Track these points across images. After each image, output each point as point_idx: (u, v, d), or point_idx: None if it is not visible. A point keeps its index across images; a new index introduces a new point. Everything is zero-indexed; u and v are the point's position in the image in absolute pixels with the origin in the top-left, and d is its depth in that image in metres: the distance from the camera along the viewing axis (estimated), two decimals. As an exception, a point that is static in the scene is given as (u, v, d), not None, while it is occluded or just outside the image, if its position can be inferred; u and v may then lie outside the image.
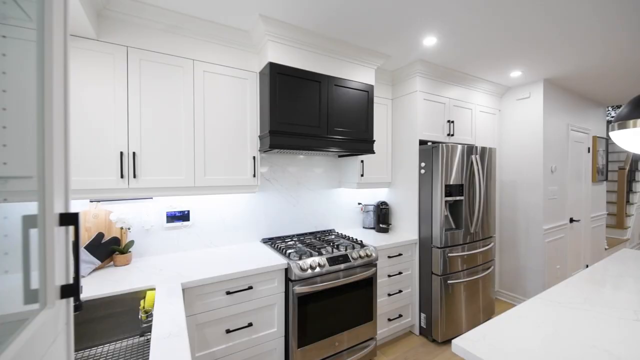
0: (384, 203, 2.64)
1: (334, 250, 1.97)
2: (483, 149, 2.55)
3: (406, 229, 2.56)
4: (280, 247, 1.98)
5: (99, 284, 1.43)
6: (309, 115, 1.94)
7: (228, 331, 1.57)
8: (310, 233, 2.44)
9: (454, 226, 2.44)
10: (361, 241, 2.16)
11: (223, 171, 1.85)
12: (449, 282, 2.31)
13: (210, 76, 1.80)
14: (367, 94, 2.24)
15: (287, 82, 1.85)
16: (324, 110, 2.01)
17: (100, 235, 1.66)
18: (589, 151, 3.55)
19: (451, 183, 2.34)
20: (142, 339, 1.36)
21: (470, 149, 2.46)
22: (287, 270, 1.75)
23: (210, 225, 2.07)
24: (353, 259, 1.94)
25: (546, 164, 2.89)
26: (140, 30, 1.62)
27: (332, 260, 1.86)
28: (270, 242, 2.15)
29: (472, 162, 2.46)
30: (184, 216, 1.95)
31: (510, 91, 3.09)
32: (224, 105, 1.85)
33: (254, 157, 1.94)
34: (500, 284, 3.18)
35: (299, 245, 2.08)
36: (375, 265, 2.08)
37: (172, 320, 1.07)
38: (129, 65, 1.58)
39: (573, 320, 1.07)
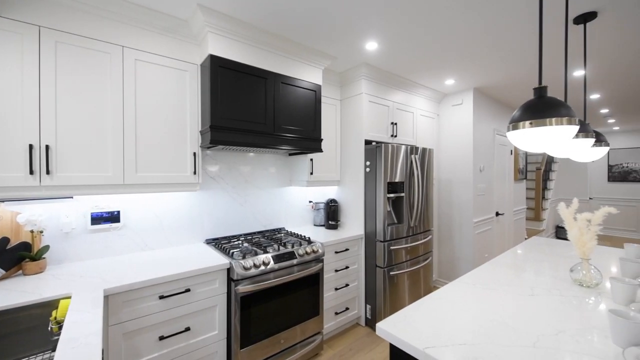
0: (333, 200, 2.72)
1: (281, 247, 1.97)
2: (422, 149, 2.77)
3: (354, 225, 2.66)
4: (225, 247, 1.92)
5: (2, 296, 1.24)
6: (254, 111, 1.91)
7: (162, 338, 1.47)
8: (259, 232, 2.41)
9: (396, 221, 2.61)
10: (309, 238, 2.19)
11: (159, 168, 1.73)
12: (391, 273, 2.46)
13: (143, 65, 1.68)
14: (315, 93, 2.28)
15: (230, 76, 1.81)
16: (270, 107, 2.00)
17: (4, 240, 1.44)
18: (511, 153, 4.06)
19: (393, 181, 2.49)
20: (54, 354, 1.21)
21: (411, 149, 2.65)
22: (229, 270, 1.70)
23: (146, 227, 1.92)
24: (299, 255, 1.96)
25: (476, 164, 3.24)
26: (56, 8, 1.44)
27: (278, 258, 1.86)
28: (215, 242, 2.07)
29: (411, 162, 2.65)
30: (113, 217, 1.78)
31: (446, 98, 3.40)
32: (160, 97, 1.73)
33: (194, 154, 1.85)
34: (438, 273, 3.48)
35: (246, 244, 2.04)
36: (322, 261, 2.13)
37: (85, 329, 0.97)
38: (41, 48, 1.40)
39: (482, 298, 1.22)
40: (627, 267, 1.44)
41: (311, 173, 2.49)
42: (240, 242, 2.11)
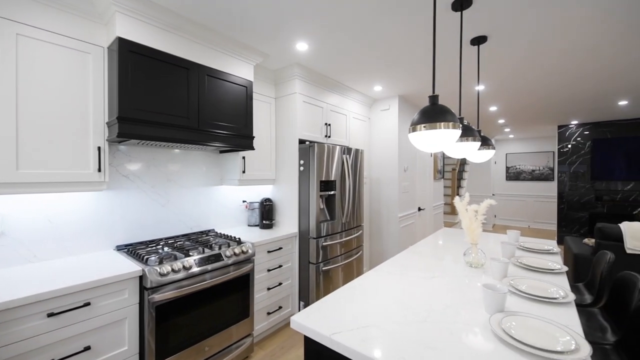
0: (268, 200, 2.68)
1: (206, 250, 1.86)
2: (354, 150, 2.92)
3: (288, 223, 2.67)
4: (140, 253, 1.73)
5: None
6: (174, 104, 1.77)
7: (51, 363, 1.25)
8: (184, 235, 2.24)
9: (329, 218, 2.70)
10: (239, 238, 2.12)
11: (52, 164, 1.47)
12: (323, 268, 2.54)
13: (29, 42, 1.41)
14: (246, 89, 2.23)
15: (144, 63, 1.64)
16: (194, 101, 1.88)
17: None
18: (431, 155, 4.58)
19: (326, 179, 2.58)
20: None
21: (343, 150, 2.77)
22: (142, 278, 1.54)
23: (35, 235, 1.61)
24: (226, 257, 1.89)
25: (401, 164, 3.56)
26: None
27: (203, 261, 1.76)
28: (128, 248, 1.85)
29: (343, 161, 2.79)
30: (-17, 224, 1.45)
31: (376, 103, 3.66)
32: (54, 81, 1.48)
33: (99, 148, 1.62)
34: (370, 265, 3.72)
35: (166, 249, 1.87)
36: (253, 262, 2.08)
37: None
38: None
39: (390, 284, 1.35)
40: (506, 249, 1.75)
41: (243, 171, 2.41)
42: (160, 246, 1.93)
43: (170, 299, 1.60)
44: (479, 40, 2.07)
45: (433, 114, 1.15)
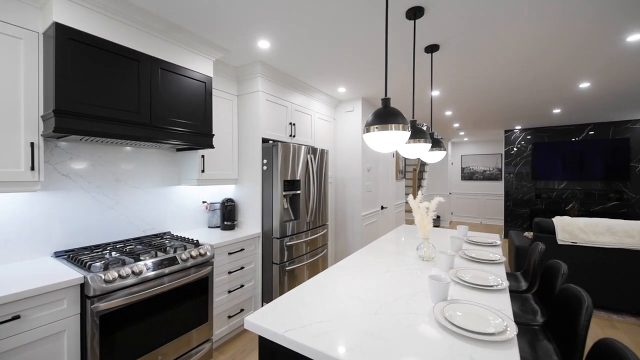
0: (230, 200, 2.61)
1: (159, 254, 1.76)
2: (318, 150, 2.96)
3: (251, 224, 2.62)
4: (82, 259, 1.59)
5: None
6: (122, 98, 1.65)
7: (-33, 387, 1.10)
8: (136, 239, 2.09)
9: (293, 217, 2.70)
10: (197, 241, 2.04)
11: (-30, 161, 1.30)
12: (287, 268, 2.54)
13: (-62, 20, 1.22)
14: (205, 85, 2.15)
15: (86, 52, 1.51)
16: (146, 95, 1.77)
17: None
18: (393, 156, 4.78)
19: (290, 179, 2.58)
20: None
21: (308, 150, 2.79)
22: (83, 286, 1.41)
23: (-51, 242, 1.41)
24: (182, 260, 1.80)
25: (364, 164, 3.67)
26: None
27: (155, 266, 1.66)
28: (68, 255, 1.69)
29: (307, 161, 2.80)
30: None
31: (341, 104, 3.74)
32: (-29, 68, 1.30)
33: (32, 144, 1.46)
34: (335, 263, 3.77)
35: (114, 254, 1.74)
36: (212, 264, 2.01)
37: None
38: None
39: (347, 279, 1.39)
40: (454, 243, 1.88)
41: (202, 171, 2.32)
42: (107, 251, 1.79)
43: (118, 307, 1.49)
44: (432, 49, 2.20)
45: (385, 116, 1.21)
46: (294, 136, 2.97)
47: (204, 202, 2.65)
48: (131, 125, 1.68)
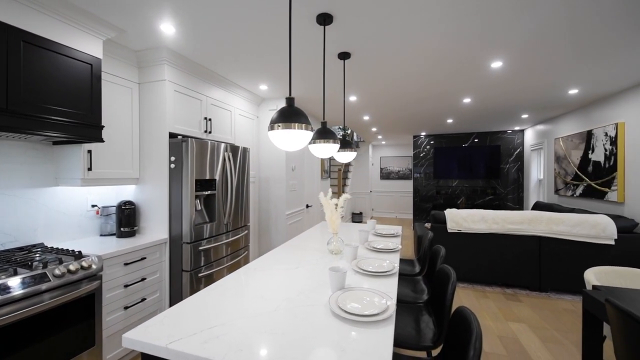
0: (129, 203, 2.27)
1: (21, 270, 1.41)
2: (236, 147, 2.83)
3: (157, 229, 2.34)
4: None
5: None
6: (-44, 72, 1.26)
7: None
8: (-14, 254, 1.64)
9: (208, 219, 2.53)
10: (79, 252, 1.71)
11: None
12: (201, 274, 2.36)
13: None
14: (92, 67, 1.82)
15: None
16: (2, 73, 1.40)
17: None
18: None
19: (204, 178, 2.40)
20: None
21: (226, 147, 2.64)
22: None
23: None
24: (55, 277, 1.48)
25: (288, 164, 3.69)
26: None
27: (16, 286, 1.32)
28: None
29: (225, 159, 2.66)
30: None
31: (264, 102, 3.68)
32: None
33: None
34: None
35: (-57, 276, 1.31)
36: (100, 278, 1.72)
37: None
38: None
39: (254, 280, 1.36)
40: (362, 236, 2.04)
41: (89, 169, 1.96)
42: None
43: (-55, 347, 1.13)
44: (344, 56, 2.35)
45: (289, 115, 1.23)
46: (210, 132, 2.78)
47: (94, 206, 2.25)
48: (-29, 109, 1.30)
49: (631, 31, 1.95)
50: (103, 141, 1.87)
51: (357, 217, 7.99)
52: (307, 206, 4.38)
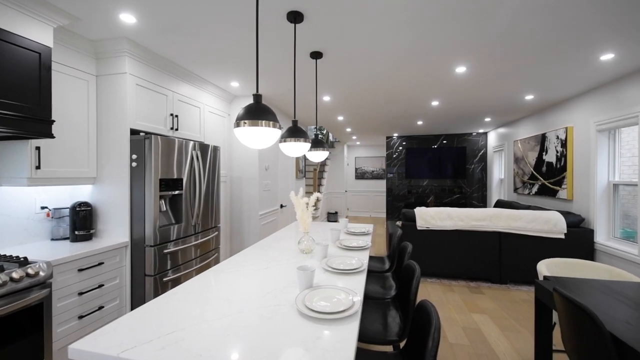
0: (84, 204, 2.11)
1: (-51, 281, 1.25)
2: (206, 145, 2.73)
3: (116, 232, 2.19)
4: None
5: None
6: None
7: None
8: None
9: (174, 221, 2.41)
10: (24, 258, 1.56)
11: None
12: (167, 279, 2.24)
13: None
14: (40, 56, 1.66)
15: None
16: None
17: None
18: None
19: (169, 177, 2.29)
20: None
21: (194, 145, 2.53)
22: None
23: None
24: (-6, 286, 1.34)
25: (261, 163, 3.63)
26: None
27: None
28: None
29: (193, 158, 2.55)
30: None
31: (236, 99, 3.59)
32: None
33: None
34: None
35: None
36: (50, 286, 1.57)
37: None
38: None
39: (219, 282, 1.32)
40: (333, 234, 2.05)
41: (38, 167, 1.79)
42: None
43: None
44: (316, 55, 2.35)
45: (256, 112, 1.20)
46: (177, 129, 2.66)
47: (43, 207, 2.06)
48: None
49: (572, 46, 2.15)
50: (53, 137, 1.72)
51: (332, 217, 8.05)
52: (282, 206, 4.33)
